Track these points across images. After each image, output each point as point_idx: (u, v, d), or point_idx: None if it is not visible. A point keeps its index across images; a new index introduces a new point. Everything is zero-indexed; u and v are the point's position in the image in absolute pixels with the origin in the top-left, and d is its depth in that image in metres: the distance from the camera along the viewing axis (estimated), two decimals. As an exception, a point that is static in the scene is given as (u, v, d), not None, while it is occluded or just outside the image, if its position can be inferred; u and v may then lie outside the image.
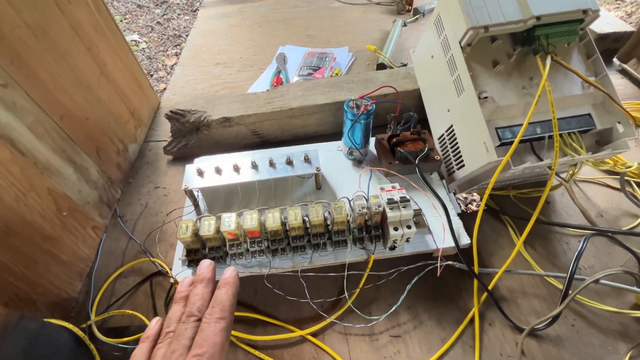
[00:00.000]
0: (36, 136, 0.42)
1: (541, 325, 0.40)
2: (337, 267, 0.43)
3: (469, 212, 0.54)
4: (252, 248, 0.41)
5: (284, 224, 0.40)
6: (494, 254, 0.48)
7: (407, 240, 0.42)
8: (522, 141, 0.41)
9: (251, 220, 0.39)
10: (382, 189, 0.41)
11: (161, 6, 2.01)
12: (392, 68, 0.75)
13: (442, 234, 0.43)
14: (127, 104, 0.62)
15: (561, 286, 0.42)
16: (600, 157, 0.43)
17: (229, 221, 0.39)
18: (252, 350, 0.41)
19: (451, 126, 0.48)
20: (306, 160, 0.47)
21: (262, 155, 0.48)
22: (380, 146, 0.51)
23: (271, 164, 0.47)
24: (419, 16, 0.95)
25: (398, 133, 0.50)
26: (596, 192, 0.55)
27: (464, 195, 0.56)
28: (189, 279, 0.34)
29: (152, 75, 1.57)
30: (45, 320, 0.38)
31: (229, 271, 0.33)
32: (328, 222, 0.42)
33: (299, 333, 0.42)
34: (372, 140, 0.53)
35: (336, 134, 0.57)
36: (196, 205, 0.48)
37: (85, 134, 0.51)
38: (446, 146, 0.50)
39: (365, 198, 0.41)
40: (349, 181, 0.50)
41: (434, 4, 0.97)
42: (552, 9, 0.40)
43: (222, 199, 0.49)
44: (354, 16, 1.00)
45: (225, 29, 0.98)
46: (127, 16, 1.93)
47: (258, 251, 0.41)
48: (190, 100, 0.62)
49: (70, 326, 0.39)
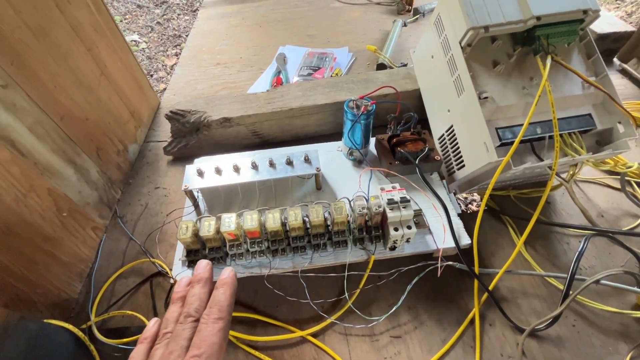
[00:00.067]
0: (36, 137, 0.42)
1: (542, 326, 0.40)
2: (337, 267, 0.43)
3: (469, 212, 0.54)
4: (252, 248, 0.41)
5: (284, 224, 0.40)
6: (495, 254, 0.48)
7: (408, 241, 0.42)
8: (522, 141, 0.41)
9: (251, 220, 0.39)
10: (382, 189, 0.41)
11: (161, 6, 2.01)
12: (392, 68, 0.75)
13: (442, 234, 0.43)
14: (127, 104, 0.62)
15: (562, 286, 0.42)
16: (601, 157, 0.43)
17: (229, 222, 0.39)
18: (253, 351, 0.41)
19: (451, 126, 0.48)
20: (306, 160, 0.47)
21: (262, 156, 0.48)
22: (381, 146, 0.51)
23: (271, 164, 0.47)
24: (419, 16, 0.95)
25: (398, 133, 0.50)
26: (597, 192, 0.55)
27: (464, 195, 0.56)
28: (186, 279, 0.34)
29: (152, 75, 1.57)
30: (45, 321, 0.38)
31: (227, 271, 0.33)
32: (328, 223, 0.42)
33: (299, 334, 0.42)
34: (372, 140, 0.53)
35: (336, 134, 0.57)
36: (196, 205, 0.48)
37: (86, 135, 0.50)
38: (446, 146, 0.50)
39: (365, 198, 0.41)
40: (349, 181, 0.50)
41: (434, 4, 0.97)
42: (552, 9, 0.40)
43: (222, 199, 0.49)
44: (354, 16, 1.00)
45: (225, 29, 0.98)
46: (127, 16, 1.93)
47: (258, 252, 0.41)
48: (190, 101, 0.62)
49: (70, 327, 0.39)
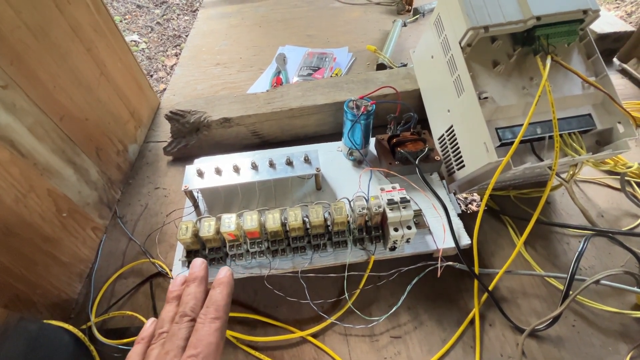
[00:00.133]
0: (36, 137, 0.42)
1: (542, 326, 0.40)
2: (337, 267, 0.43)
3: (469, 212, 0.54)
4: (252, 249, 0.41)
5: (284, 224, 0.40)
6: (494, 255, 0.48)
7: (408, 241, 0.42)
8: (522, 141, 0.41)
9: (251, 221, 0.39)
10: (382, 189, 0.41)
11: (161, 6, 2.01)
12: (392, 68, 0.74)
13: (442, 234, 0.43)
14: (127, 104, 0.62)
15: (562, 287, 0.42)
16: (601, 158, 0.43)
17: (229, 222, 0.39)
18: (253, 351, 0.41)
19: (451, 126, 0.48)
20: (306, 160, 0.47)
21: (262, 156, 0.48)
22: (380, 146, 0.51)
23: (271, 164, 0.46)
24: (418, 16, 0.95)
25: (398, 133, 0.50)
26: (596, 193, 0.55)
27: (464, 195, 0.56)
28: (181, 278, 0.33)
29: (152, 75, 1.57)
30: (45, 321, 0.38)
31: (224, 271, 0.33)
32: (328, 223, 0.42)
33: (299, 334, 0.42)
34: (372, 140, 0.53)
35: (336, 135, 0.57)
36: (196, 206, 0.48)
37: (85, 135, 0.50)
38: (446, 146, 0.50)
39: (365, 199, 0.41)
40: (349, 182, 0.50)
41: (433, 4, 0.97)
42: (552, 9, 0.40)
43: (222, 199, 0.49)
44: (353, 16, 1.00)
45: (225, 29, 0.98)
46: (127, 16, 1.93)
47: (258, 252, 0.41)
48: (190, 101, 0.62)
49: (70, 327, 0.39)
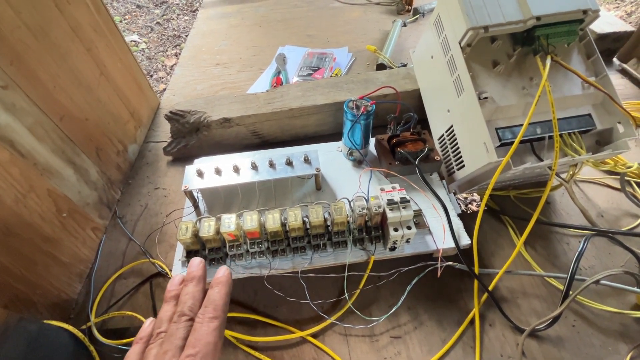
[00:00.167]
0: (36, 137, 0.42)
1: (542, 326, 0.40)
2: (337, 268, 0.43)
3: (469, 212, 0.54)
4: (252, 249, 0.41)
5: (284, 224, 0.40)
6: (494, 255, 0.48)
7: (407, 241, 0.42)
8: (522, 141, 0.41)
9: (251, 221, 0.39)
10: (382, 189, 0.41)
11: (161, 6, 2.01)
12: (392, 68, 0.74)
13: (442, 234, 0.43)
14: (126, 104, 0.62)
15: (562, 287, 0.42)
16: (601, 158, 0.43)
17: (228, 222, 0.39)
18: (252, 352, 0.41)
19: (451, 126, 0.48)
20: (306, 160, 0.47)
21: (262, 156, 0.48)
22: (380, 147, 0.51)
23: (271, 164, 0.46)
24: (418, 16, 0.95)
25: (398, 133, 0.50)
26: (596, 193, 0.55)
27: (464, 195, 0.56)
28: (179, 277, 0.33)
29: (152, 75, 1.57)
30: (44, 321, 0.38)
31: (222, 270, 0.33)
32: (328, 223, 0.42)
33: (299, 334, 0.42)
34: (372, 140, 0.53)
35: (336, 135, 0.57)
36: (196, 206, 0.48)
37: (85, 135, 0.50)
38: (446, 146, 0.50)
39: (365, 199, 0.41)
40: (349, 182, 0.50)
41: (433, 4, 0.97)
42: (552, 9, 0.40)
43: (222, 199, 0.49)
44: (353, 16, 1.00)
45: (224, 30, 0.98)
46: (127, 16, 1.93)
47: (258, 252, 0.41)
48: (190, 101, 0.62)
49: (70, 328, 0.39)
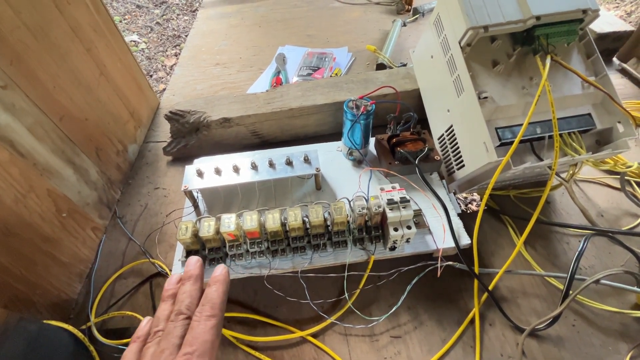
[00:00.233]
0: (36, 137, 0.42)
1: (542, 326, 0.40)
2: (337, 267, 0.43)
3: (469, 212, 0.54)
4: (252, 249, 0.41)
5: (283, 224, 0.40)
6: (494, 254, 0.48)
7: (407, 241, 0.42)
8: (522, 141, 0.41)
9: (251, 221, 0.39)
10: (382, 189, 0.41)
11: (160, 6, 2.01)
12: (392, 68, 0.74)
13: (442, 234, 0.43)
14: (126, 104, 0.62)
15: (562, 286, 0.42)
16: (601, 157, 0.43)
17: (228, 222, 0.39)
18: (253, 352, 0.41)
19: (451, 126, 0.48)
20: (306, 160, 0.47)
21: (261, 156, 0.48)
22: (380, 146, 0.51)
23: (271, 164, 0.46)
24: (418, 16, 0.95)
25: (398, 133, 0.50)
26: (596, 192, 0.55)
27: (464, 195, 0.56)
28: (176, 276, 0.33)
29: (152, 75, 1.57)
30: (44, 321, 0.38)
31: (219, 269, 0.33)
32: (328, 223, 0.42)
33: (299, 334, 0.42)
34: (372, 140, 0.53)
35: (336, 135, 0.57)
36: (196, 206, 0.48)
37: (85, 135, 0.50)
38: (446, 146, 0.50)
39: (365, 198, 0.41)
40: (349, 182, 0.50)
41: (433, 3, 0.97)
42: (552, 9, 0.40)
43: (221, 199, 0.49)
44: (353, 16, 1.00)
45: (224, 30, 0.98)
46: (127, 17, 1.93)
47: (258, 252, 0.41)
48: (189, 101, 0.62)
49: (70, 328, 0.39)
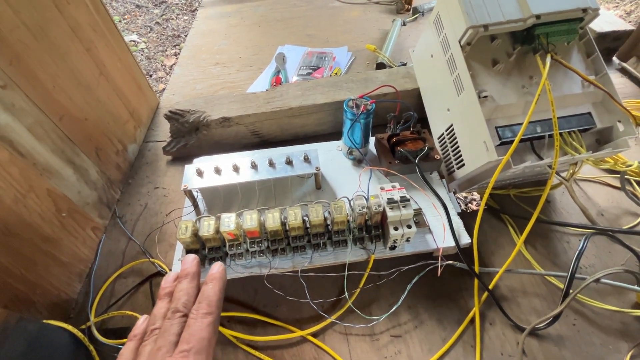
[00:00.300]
0: (35, 137, 0.42)
1: (542, 325, 0.40)
2: (337, 267, 0.43)
3: (469, 211, 0.54)
4: (251, 248, 0.41)
5: (283, 224, 0.40)
6: (495, 254, 0.48)
7: (408, 240, 0.42)
8: (522, 140, 0.41)
9: (251, 220, 0.39)
10: (382, 188, 0.41)
11: (160, 6, 2.01)
12: (392, 67, 0.74)
13: (442, 233, 0.43)
14: (126, 104, 0.62)
15: (562, 285, 0.42)
16: (601, 156, 0.43)
17: (228, 221, 0.39)
18: (253, 351, 0.41)
19: (451, 125, 0.48)
20: (306, 160, 0.47)
21: (261, 155, 0.48)
22: (380, 146, 0.51)
23: (271, 164, 0.46)
24: (418, 15, 0.95)
25: (398, 132, 0.50)
26: (596, 191, 0.55)
27: (464, 194, 0.56)
28: (173, 274, 0.33)
29: (151, 75, 1.57)
30: (44, 321, 0.38)
31: (216, 266, 0.33)
32: (328, 222, 0.42)
33: (299, 333, 0.42)
34: (372, 139, 0.53)
35: (336, 134, 0.57)
36: (196, 205, 0.48)
37: (85, 135, 0.50)
38: (446, 145, 0.50)
39: (365, 198, 0.41)
40: (349, 181, 0.50)
41: (433, 3, 0.97)
42: (552, 8, 0.40)
43: (221, 199, 0.49)
44: (353, 15, 1.00)
45: (224, 29, 0.98)
46: (126, 16, 1.93)
47: (258, 251, 0.41)
48: (189, 100, 0.62)
49: (70, 327, 0.39)
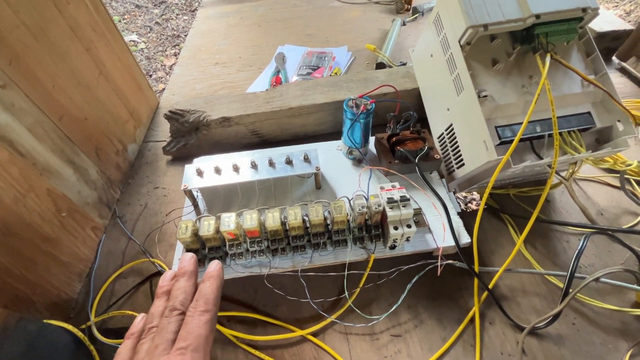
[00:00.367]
0: (35, 137, 0.42)
1: (542, 324, 0.40)
2: (337, 266, 0.43)
3: (468, 211, 0.54)
4: (252, 248, 0.41)
5: (283, 223, 0.40)
6: (494, 253, 0.48)
7: (407, 240, 0.42)
8: (522, 140, 0.41)
9: (251, 220, 0.39)
10: (382, 188, 0.41)
11: (160, 6, 2.01)
12: (392, 67, 0.74)
13: (442, 233, 0.43)
14: (126, 104, 0.62)
15: (561, 285, 0.42)
16: (600, 156, 0.43)
17: (228, 221, 0.39)
18: (253, 351, 0.41)
19: (451, 125, 0.48)
20: (306, 159, 0.47)
21: (261, 155, 0.48)
22: (380, 145, 0.51)
23: (271, 163, 0.46)
24: (418, 15, 0.95)
25: (398, 132, 0.50)
26: (596, 191, 0.55)
27: (463, 194, 0.56)
28: (170, 273, 0.33)
29: (151, 75, 1.57)
30: (44, 321, 0.38)
31: (213, 265, 0.33)
32: (328, 222, 0.42)
33: (299, 333, 0.42)
34: (372, 139, 0.53)
35: (336, 134, 0.57)
36: (196, 205, 0.48)
37: (85, 135, 0.50)
38: (446, 145, 0.50)
39: (365, 197, 0.41)
40: (349, 180, 0.50)
41: (433, 2, 0.97)
42: (552, 7, 0.40)
43: (221, 199, 0.49)
44: (353, 15, 1.00)
45: (224, 29, 0.98)
46: (126, 16, 1.93)
47: (258, 251, 0.41)
48: (189, 100, 0.62)
49: (70, 327, 0.39)
